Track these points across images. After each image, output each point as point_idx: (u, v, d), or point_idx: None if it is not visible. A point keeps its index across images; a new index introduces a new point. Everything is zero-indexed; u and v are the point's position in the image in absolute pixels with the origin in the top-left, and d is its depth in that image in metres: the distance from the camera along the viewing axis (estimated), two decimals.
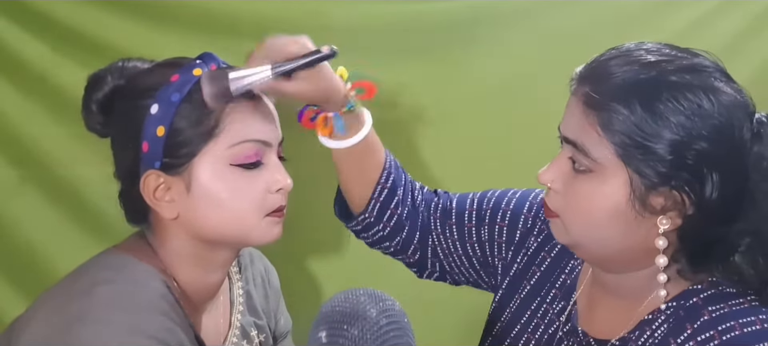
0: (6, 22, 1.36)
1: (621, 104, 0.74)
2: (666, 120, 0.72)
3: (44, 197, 1.42)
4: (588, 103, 0.77)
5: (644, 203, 0.75)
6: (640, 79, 0.74)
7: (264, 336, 1.05)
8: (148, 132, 0.84)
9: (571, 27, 1.50)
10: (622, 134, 0.74)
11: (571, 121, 0.79)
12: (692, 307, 0.77)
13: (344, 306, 0.71)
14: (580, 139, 0.77)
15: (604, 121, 0.75)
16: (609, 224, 0.77)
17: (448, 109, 1.50)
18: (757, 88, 1.58)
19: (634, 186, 0.75)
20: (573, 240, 0.82)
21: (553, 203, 0.82)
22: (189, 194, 0.85)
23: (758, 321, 0.72)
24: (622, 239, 0.78)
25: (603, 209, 0.77)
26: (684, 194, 0.74)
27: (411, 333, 0.72)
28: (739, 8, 1.57)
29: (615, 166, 0.75)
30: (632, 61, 0.76)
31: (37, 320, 0.79)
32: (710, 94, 0.74)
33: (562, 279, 0.95)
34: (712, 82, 0.75)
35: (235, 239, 0.89)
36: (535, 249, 0.99)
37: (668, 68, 0.75)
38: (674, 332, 0.76)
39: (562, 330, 0.91)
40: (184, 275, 0.89)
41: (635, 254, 0.79)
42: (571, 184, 0.80)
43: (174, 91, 0.84)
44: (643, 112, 0.73)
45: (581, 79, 0.80)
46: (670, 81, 0.74)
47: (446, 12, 1.46)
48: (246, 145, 0.86)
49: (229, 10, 1.40)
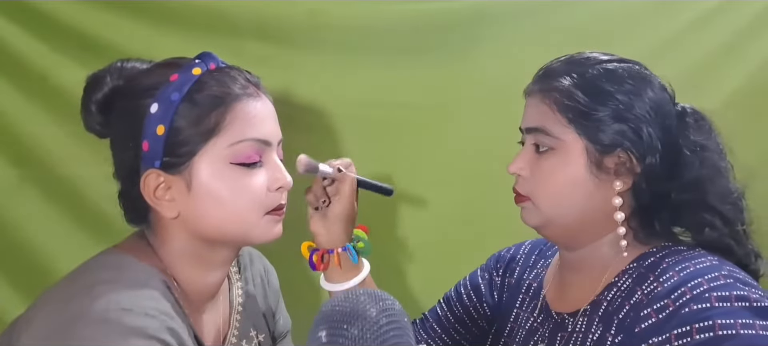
0: (6, 22, 1.36)
1: (572, 85, 0.90)
2: (609, 94, 0.89)
3: (44, 197, 1.42)
4: (543, 92, 0.92)
5: (600, 166, 0.89)
6: (584, 68, 0.92)
7: (263, 336, 1.05)
8: (149, 131, 0.84)
9: (572, 27, 1.50)
10: (574, 110, 0.89)
11: (531, 113, 0.94)
12: (651, 263, 0.88)
13: (344, 306, 0.71)
14: (540, 123, 0.92)
15: (557, 102, 0.90)
16: (573, 192, 0.90)
17: (449, 109, 1.50)
18: (757, 88, 1.60)
19: (589, 152, 0.89)
20: (543, 218, 0.93)
21: (523, 188, 0.95)
22: (189, 192, 0.85)
23: (708, 260, 0.85)
24: (585, 204, 0.90)
25: (566, 178, 0.90)
26: (631, 154, 0.88)
27: (411, 333, 0.72)
28: (739, 8, 1.57)
29: (572, 139, 0.89)
30: (574, 59, 0.95)
31: (38, 319, 0.79)
32: (642, 76, 0.92)
33: (527, 284, 1.08)
34: (641, 68, 0.93)
35: (235, 237, 0.89)
36: (500, 283, 1.13)
37: (607, 58, 0.93)
38: (639, 282, 0.87)
39: (537, 321, 1.01)
40: (184, 274, 0.89)
41: (597, 219, 0.91)
42: (537, 166, 0.93)
43: (174, 90, 0.84)
44: (589, 89, 0.89)
45: (534, 83, 0.95)
46: (609, 64, 0.92)
47: (446, 12, 1.46)
48: (246, 143, 0.86)
49: (229, 10, 1.40)
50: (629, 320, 0.84)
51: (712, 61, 1.57)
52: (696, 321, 0.78)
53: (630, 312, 0.85)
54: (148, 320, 0.77)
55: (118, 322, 0.75)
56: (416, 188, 1.51)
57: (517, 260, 1.13)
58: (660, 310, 0.81)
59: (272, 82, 0.96)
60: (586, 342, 0.90)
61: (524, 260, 1.12)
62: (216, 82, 0.86)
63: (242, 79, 0.88)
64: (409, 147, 1.50)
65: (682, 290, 0.81)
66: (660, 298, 0.82)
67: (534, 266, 1.10)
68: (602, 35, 1.52)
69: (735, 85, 1.58)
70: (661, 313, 0.81)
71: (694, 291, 0.80)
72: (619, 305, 0.88)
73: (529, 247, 1.15)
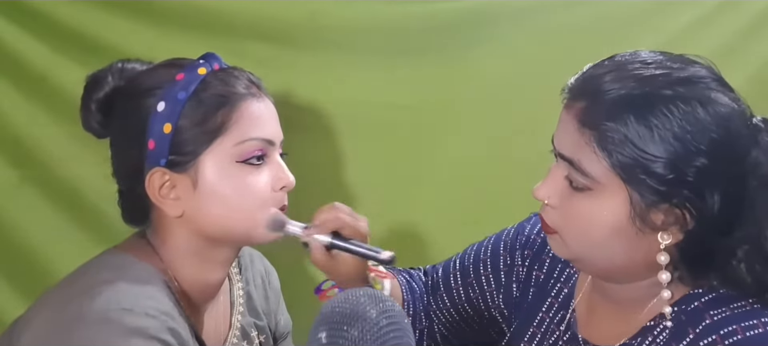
0: (6, 22, 1.35)
1: (618, 122, 0.73)
2: (664, 137, 0.72)
3: (44, 197, 1.42)
4: (583, 121, 0.75)
5: (645, 220, 0.74)
6: (635, 95, 0.73)
7: (264, 337, 1.05)
8: (155, 130, 0.84)
9: (573, 27, 1.50)
10: (619, 153, 0.73)
11: (566, 139, 0.78)
12: (694, 311, 0.76)
13: (344, 307, 0.70)
14: (576, 156, 0.76)
15: (600, 140, 0.74)
16: (609, 241, 0.77)
17: (449, 110, 1.49)
18: (757, 88, 1.59)
19: (634, 204, 0.74)
20: (573, 255, 0.82)
21: (551, 220, 0.82)
22: (195, 191, 0.86)
23: (760, 324, 0.72)
24: (623, 254, 0.77)
25: (603, 227, 0.76)
26: (684, 210, 0.73)
27: (411, 334, 0.71)
28: (739, 8, 1.56)
29: (614, 184, 0.74)
30: (626, 76, 0.75)
31: (38, 319, 0.79)
32: (707, 105, 0.73)
33: (557, 288, 0.95)
34: (708, 94, 0.74)
35: (239, 236, 0.90)
36: (526, 274, 1.00)
37: (663, 81, 0.74)
38: (676, 336, 0.76)
39: (563, 339, 0.90)
40: (186, 274, 0.90)
41: (637, 267, 0.79)
42: (568, 201, 0.79)
43: (180, 89, 0.85)
44: (640, 129, 0.72)
45: (574, 94, 0.78)
46: (666, 95, 0.73)
47: (446, 13, 1.46)
48: (252, 142, 0.87)
49: (229, 10, 1.39)
50: None
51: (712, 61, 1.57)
52: None
53: None
54: (149, 321, 0.78)
55: (119, 322, 0.76)
56: (416, 189, 1.51)
57: (548, 251, 0.98)
58: None
59: (272, 82, 0.96)
60: None
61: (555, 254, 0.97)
62: (221, 82, 0.87)
63: (245, 80, 0.89)
64: (409, 148, 1.49)
65: None
66: None
67: (566, 263, 0.96)
68: (601, 36, 1.52)
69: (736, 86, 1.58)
70: None
71: None
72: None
73: None
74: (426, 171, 1.51)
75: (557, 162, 0.81)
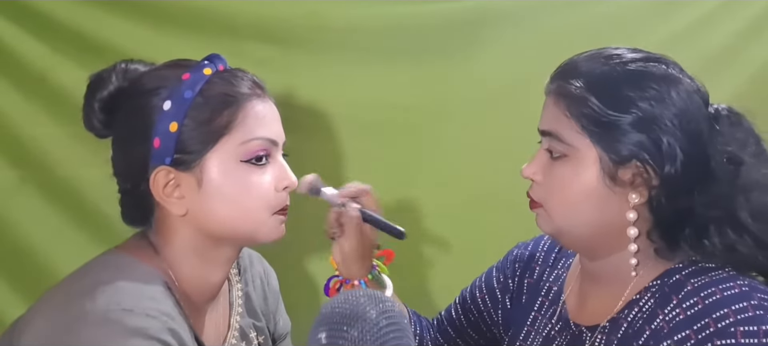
0: (6, 22, 1.35)
1: (587, 89, 0.83)
2: (628, 101, 0.82)
3: (44, 197, 1.42)
4: (558, 94, 0.86)
5: (614, 178, 0.83)
6: (604, 68, 0.85)
7: (263, 338, 1.05)
8: (160, 128, 0.85)
9: (573, 28, 1.50)
10: (587, 116, 0.83)
11: (547, 116, 0.89)
12: (676, 282, 0.83)
13: (344, 307, 0.71)
14: (554, 127, 0.86)
15: (570, 106, 0.84)
16: (585, 203, 0.85)
17: (449, 110, 1.50)
18: (757, 89, 1.59)
19: (603, 163, 0.83)
20: (556, 226, 0.89)
21: (537, 194, 0.90)
22: (200, 190, 0.86)
23: (736, 286, 0.79)
24: (598, 216, 0.85)
25: (578, 188, 0.85)
26: (648, 167, 0.82)
27: (411, 335, 0.71)
28: (739, 8, 1.56)
29: (585, 147, 0.84)
30: (597, 55, 0.87)
31: (39, 320, 0.79)
32: (669, 78, 0.83)
33: (547, 288, 1.03)
34: (672, 71, 0.85)
35: (242, 235, 0.90)
36: (517, 285, 1.08)
37: (631, 58, 0.85)
38: (661, 304, 0.82)
39: (555, 329, 0.97)
40: (186, 274, 0.90)
41: (613, 232, 0.86)
42: (550, 171, 0.88)
43: (186, 88, 0.86)
44: (606, 94, 0.82)
45: (553, 79, 0.89)
46: (631, 67, 0.84)
47: (446, 13, 1.46)
48: (256, 142, 0.87)
49: (229, 10, 1.39)
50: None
51: (712, 63, 1.57)
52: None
53: (649, 340, 0.80)
54: (149, 321, 0.78)
55: (120, 322, 0.76)
56: (416, 190, 1.51)
57: (537, 259, 1.08)
58: (681, 342, 0.76)
59: (273, 83, 0.96)
60: None
61: (544, 258, 1.07)
62: (226, 82, 0.88)
63: (250, 81, 0.90)
64: (409, 148, 1.49)
65: (706, 321, 0.76)
66: (682, 328, 0.77)
67: (554, 265, 1.04)
68: (602, 37, 1.51)
69: (736, 88, 1.58)
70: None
71: (719, 324, 0.75)
72: (640, 328, 0.83)
73: (548, 243, 1.09)
74: (425, 171, 1.51)
75: (542, 142, 0.90)
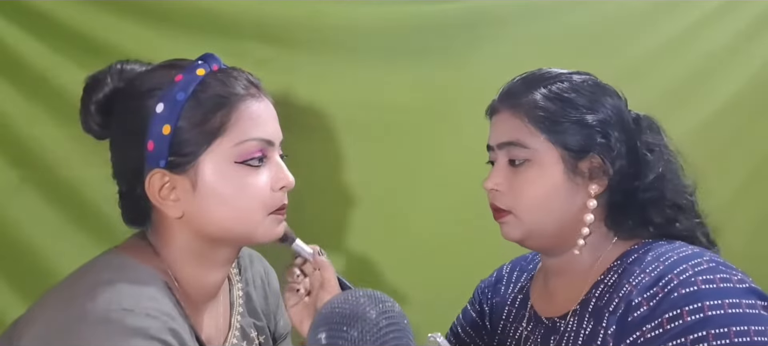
0: (6, 22, 1.35)
1: (541, 99, 0.94)
2: (576, 104, 0.93)
3: (44, 197, 1.42)
4: (513, 107, 0.96)
5: (576, 171, 0.93)
6: (548, 82, 0.96)
7: (264, 337, 1.05)
8: (154, 131, 0.84)
9: (573, 28, 1.50)
10: (545, 120, 0.93)
11: (502, 129, 0.97)
12: (635, 258, 0.92)
13: (344, 307, 0.71)
14: (514, 136, 0.95)
15: (529, 114, 0.94)
16: (553, 199, 0.94)
17: (449, 111, 1.50)
18: (758, 89, 1.59)
19: (565, 159, 0.93)
20: (526, 229, 0.96)
21: (504, 202, 0.97)
22: (195, 192, 0.85)
23: (689, 249, 0.90)
24: (565, 209, 0.94)
25: (546, 187, 0.93)
26: (603, 157, 0.93)
27: (411, 335, 0.72)
28: (739, 9, 1.57)
29: (547, 148, 0.93)
30: (535, 73, 0.99)
31: (39, 320, 0.79)
32: (600, 85, 0.97)
33: (513, 297, 1.11)
34: (596, 78, 0.99)
35: (239, 236, 0.90)
36: (490, 306, 1.15)
37: (563, 72, 0.98)
38: (625, 276, 0.90)
39: (527, 329, 1.03)
40: (186, 274, 0.90)
41: (576, 222, 0.95)
42: (515, 178, 0.95)
43: (179, 90, 0.85)
44: (558, 100, 0.93)
45: (500, 101, 0.99)
46: (571, 78, 0.96)
47: (446, 14, 1.46)
48: (251, 143, 0.86)
49: (230, 10, 1.40)
50: (621, 311, 0.87)
51: (713, 62, 1.57)
52: (685, 304, 0.82)
53: (620, 304, 0.88)
54: (150, 321, 0.77)
55: (120, 322, 0.75)
56: (416, 190, 1.51)
57: (502, 280, 1.16)
58: (650, 298, 0.85)
59: (272, 83, 0.96)
60: (579, 339, 0.92)
61: (507, 278, 1.16)
62: (220, 82, 0.87)
63: (244, 80, 0.89)
64: (409, 149, 1.50)
65: (669, 277, 0.85)
66: (649, 286, 0.86)
67: (517, 281, 1.13)
68: (602, 37, 1.52)
69: (737, 87, 1.58)
70: (651, 300, 0.84)
71: (681, 276, 0.84)
72: (608, 299, 0.90)
73: (509, 266, 1.18)
74: (426, 171, 1.51)
75: (498, 156, 0.98)
